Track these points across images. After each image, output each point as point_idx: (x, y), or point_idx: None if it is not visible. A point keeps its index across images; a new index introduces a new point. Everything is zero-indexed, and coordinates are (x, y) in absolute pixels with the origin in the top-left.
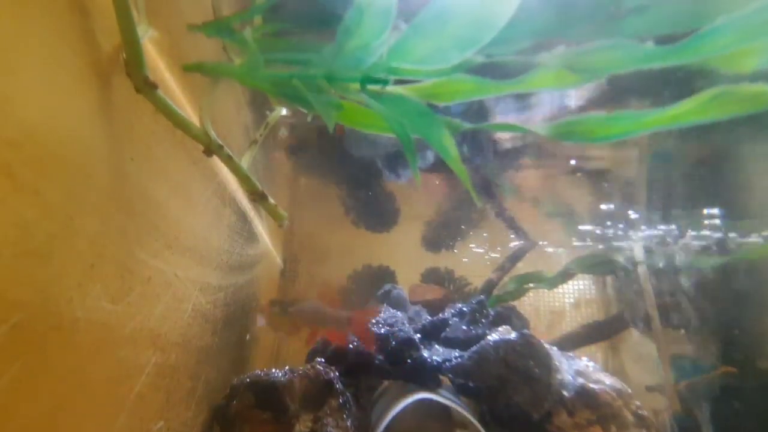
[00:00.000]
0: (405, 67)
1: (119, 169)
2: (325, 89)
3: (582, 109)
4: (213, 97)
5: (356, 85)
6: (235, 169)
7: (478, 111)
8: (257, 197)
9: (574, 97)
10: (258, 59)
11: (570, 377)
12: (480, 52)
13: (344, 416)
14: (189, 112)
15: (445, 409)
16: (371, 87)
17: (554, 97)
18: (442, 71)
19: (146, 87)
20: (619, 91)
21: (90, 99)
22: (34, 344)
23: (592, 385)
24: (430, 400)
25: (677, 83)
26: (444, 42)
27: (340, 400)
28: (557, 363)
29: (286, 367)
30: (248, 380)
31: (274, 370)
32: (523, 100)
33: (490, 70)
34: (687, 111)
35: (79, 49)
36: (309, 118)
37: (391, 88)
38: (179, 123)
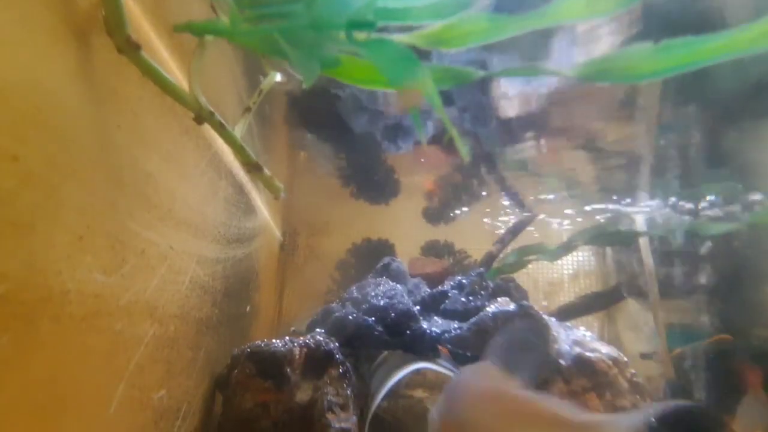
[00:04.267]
0: (394, 5)
1: (105, 137)
2: (311, 41)
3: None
4: (202, 60)
5: (343, 34)
6: (228, 139)
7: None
8: (252, 168)
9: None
10: (235, 10)
11: (567, 347)
12: None
13: (344, 385)
14: (178, 77)
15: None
16: (358, 33)
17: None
18: (439, 10)
19: (128, 47)
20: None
21: (67, 60)
22: (22, 316)
23: (588, 354)
24: (429, 370)
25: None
26: None
27: (340, 370)
28: (555, 333)
29: (286, 338)
30: (249, 350)
31: (274, 341)
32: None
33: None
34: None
35: (52, 4)
36: (303, 84)
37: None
38: (167, 87)
